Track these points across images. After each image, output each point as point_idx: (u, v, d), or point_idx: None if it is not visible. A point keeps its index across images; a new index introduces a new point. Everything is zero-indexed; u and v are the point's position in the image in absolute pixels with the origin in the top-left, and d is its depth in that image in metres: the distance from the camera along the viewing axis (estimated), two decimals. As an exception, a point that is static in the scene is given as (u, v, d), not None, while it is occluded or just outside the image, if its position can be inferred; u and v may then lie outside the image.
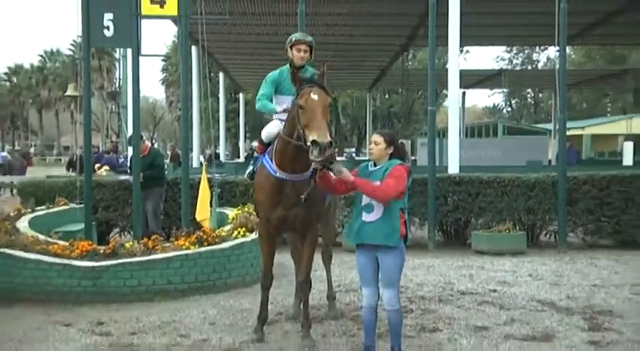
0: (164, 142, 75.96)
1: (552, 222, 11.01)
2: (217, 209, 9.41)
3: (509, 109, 72.20)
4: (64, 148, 79.73)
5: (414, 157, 25.59)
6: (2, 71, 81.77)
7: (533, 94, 67.10)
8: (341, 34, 21.16)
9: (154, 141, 73.90)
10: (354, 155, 42.56)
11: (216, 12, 14.40)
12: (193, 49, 19.19)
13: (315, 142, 4.80)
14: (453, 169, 11.90)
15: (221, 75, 30.31)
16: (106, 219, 11.25)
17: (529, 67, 58.22)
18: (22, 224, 8.59)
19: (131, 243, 7.94)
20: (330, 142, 4.81)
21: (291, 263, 7.05)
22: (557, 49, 11.61)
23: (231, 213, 9.16)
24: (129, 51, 10.25)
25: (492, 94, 66.87)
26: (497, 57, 61.42)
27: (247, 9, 17.92)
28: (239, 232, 8.08)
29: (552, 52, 52.63)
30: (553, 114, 34.48)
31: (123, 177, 12.22)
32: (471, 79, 31.85)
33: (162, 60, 61.01)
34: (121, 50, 18.29)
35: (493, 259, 9.84)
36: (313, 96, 5.11)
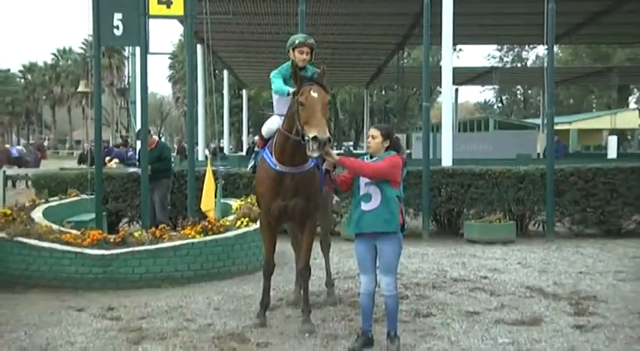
0: (171, 136, 75.75)
1: (541, 212, 10.99)
2: (222, 200, 9.42)
3: (499, 105, 72.07)
4: (75, 142, 79.52)
5: (409, 151, 25.56)
6: (17, 69, 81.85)
7: (522, 91, 67.00)
8: (339, 33, 21.13)
9: (161, 135, 73.82)
10: (351, 148, 42.57)
11: (221, 12, 14.36)
12: (199, 47, 19.21)
13: (315, 138, 4.84)
14: (447, 162, 11.89)
15: (225, 72, 30.27)
16: (115, 209, 11.24)
17: (519, 65, 57.99)
18: (37, 214, 8.57)
19: (140, 232, 7.93)
20: (328, 138, 4.84)
21: (291, 252, 7.04)
22: (546, 47, 11.58)
23: (234, 204, 9.15)
24: (137, 49, 10.21)
25: (484, 91, 66.92)
26: (489, 55, 61.39)
27: (250, 9, 17.87)
28: (242, 222, 8.08)
29: (541, 50, 52.71)
30: (541, 109, 34.48)
31: (132, 169, 12.20)
32: (464, 76, 31.83)
33: (169, 58, 61.09)
34: (129, 48, 18.22)
35: (484, 247, 9.84)
36: (313, 94, 5.10)
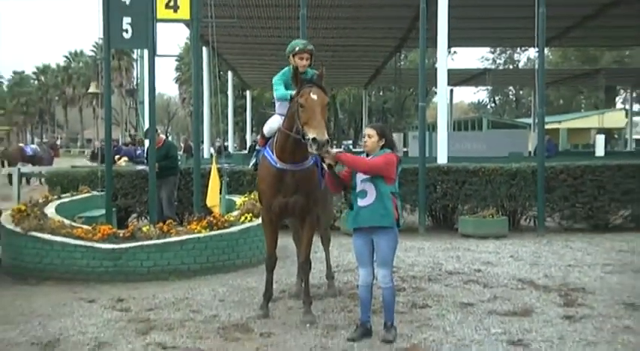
0: (177, 135, 75.69)
1: (532, 208, 10.98)
2: (226, 196, 9.42)
3: (492, 105, 71.90)
4: (87, 140, 79.53)
5: (405, 149, 25.56)
6: (32, 71, 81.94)
7: (514, 92, 66.81)
8: (339, 37, 21.09)
9: (168, 134, 73.70)
10: (351, 147, 42.56)
11: (226, 16, 14.30)
12: (204, 50, 19.16)
13: (314, 140, 4.83)
14: (442, 159, 11.89)
15: (229, 74, 30.22)
16: (124, 205, 11.24)
17: (511, 67, 57.85)
18: (50, 210, 8.58)
19: (148, 227, 7.93)
20: (327, 140, 4.83)
21: (293, 246, 7.05)
22: (537, 50, 11.57)
23: (238, 200, 9.15)
24: (145, 52, 10.18)
25: (477, 91, 66.50)
26: (482, 57, 60.98)
27: (254, 13, 17.87)
28: (246, 218, 8.07)
29: (532, 53, 52.50)
30: (532, 109, 34.42)
31: (140, 167, 12.20)
32: (458, 78, 31.78)
33: (176, 60, 60.88)
34: (138, 51, 18.18)
35: (478, 241, 9.83)
36: (313, 96, 5.09)
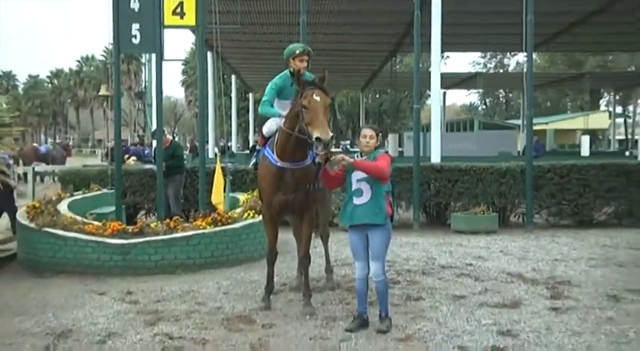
0: (184, 135, 75.61)
1: (520, 205, 10.99)
2: (230, 194, 9.40)
3: (483, 107, 71.86)
4: (97, 141, 79.46)
5: (401, 149, 25.57)
6: (45, 75, 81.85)
7: (504, 94, 66.73)
8: (338, 42, 21.11)
9: (175, 135, 73.55)
10: (348, 147, 42.57)
11: (229, 22, 14.31)
12: (209, 54, 19.09)
13: (318, 139, 4.81)
14: (435, 159, 11.86)
15: (233, 77, 30.20)
16: (133, 202, 11.22)
17: (501, 71, 57.82)
18: (62, 207, 8.57)
19: (155, 223, 7.93)
20: (331, 138, 4.83)
21: (293, 241, 7.03)
22: (525, 55, 11.55)
23: (242, 197, 9.14)
24: (153, 56, 10.18)
25: (469, 94, 66.41)
26: (473, 61, 60.87)
27: (256, 20, 17.87)
28: (249, 214, 8.06)
29: (521, 57, 52.35)
30: (521, 111, 34.37)
31: (148, 166, 12.18)
32: (451, 81, 31.77)
33: (182, 64, 60.98)
34: (146, 56, 18.15)
35: (469, 237, 9.83)
36: (315, 97, 5.06)
